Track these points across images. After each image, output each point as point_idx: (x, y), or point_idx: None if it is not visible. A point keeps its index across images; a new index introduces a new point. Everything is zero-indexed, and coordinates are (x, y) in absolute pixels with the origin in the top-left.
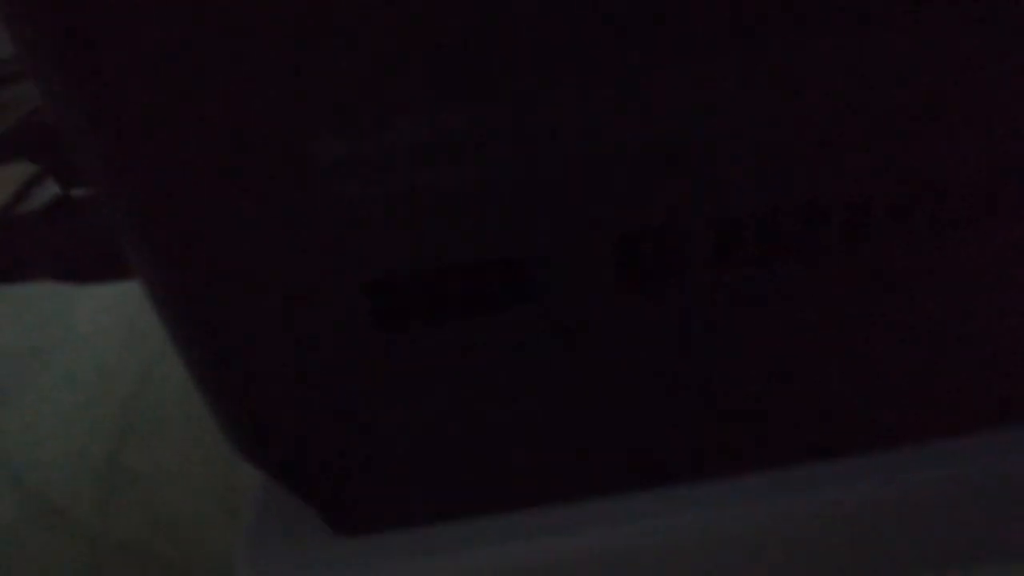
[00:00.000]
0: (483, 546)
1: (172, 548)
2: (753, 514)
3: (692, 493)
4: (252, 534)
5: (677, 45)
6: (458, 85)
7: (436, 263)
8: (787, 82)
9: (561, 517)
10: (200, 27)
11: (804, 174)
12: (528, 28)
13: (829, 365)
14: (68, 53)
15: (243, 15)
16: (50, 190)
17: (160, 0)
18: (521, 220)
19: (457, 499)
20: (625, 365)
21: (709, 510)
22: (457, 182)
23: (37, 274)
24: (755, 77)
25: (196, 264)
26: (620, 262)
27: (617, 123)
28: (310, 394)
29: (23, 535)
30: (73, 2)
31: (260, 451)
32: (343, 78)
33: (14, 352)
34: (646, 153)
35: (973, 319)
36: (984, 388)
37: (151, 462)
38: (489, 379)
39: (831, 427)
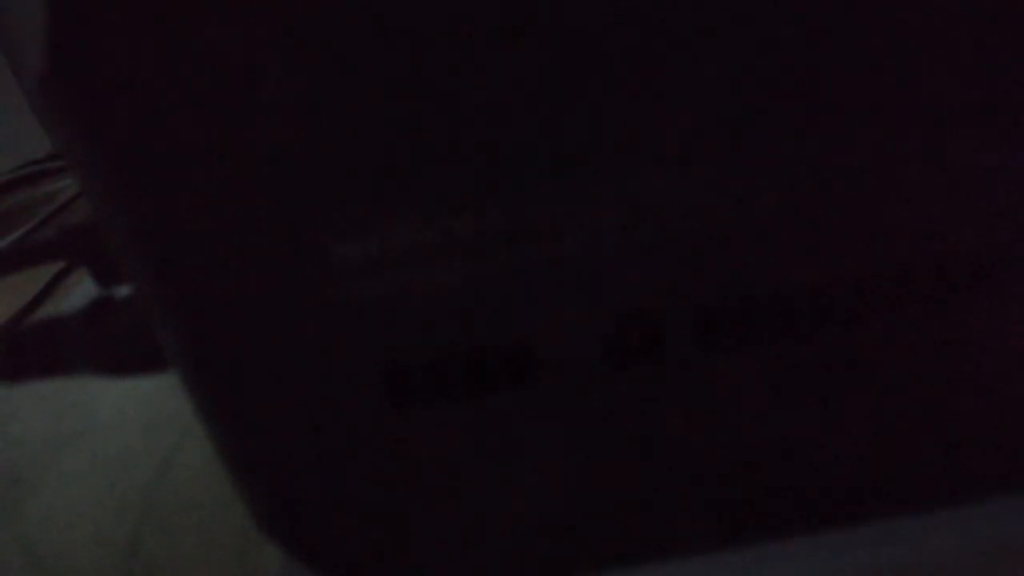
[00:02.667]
0: None
1: None
2: None
3: (698, 567)
4: None
5: (673, 151)
6: (467, 198)
7: (446, 350)
8: (775, 180)
9: None
10: (233, 146)
11: (775, 265)
12: (533, 147)
13: (824, 437)
14: (117, 161)
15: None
16: (78, 286)
17: (201, 117)
18: (521, 311)
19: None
20: (621, 440)
21: None
22: (465, 281)
23: (76, 370)
24: (747, 173)
25: (226, 357)
26: (609, 348)
27: (607, 226)
28: (330, 471)
29: None
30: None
31: (282, 527)
32: (365, 195)
33: (36, 439)
34: (631, 252)
35: (962, 389)
36: (990, 454)
37: (173, 546)
38: (497, 455)
39: (834, 497)
